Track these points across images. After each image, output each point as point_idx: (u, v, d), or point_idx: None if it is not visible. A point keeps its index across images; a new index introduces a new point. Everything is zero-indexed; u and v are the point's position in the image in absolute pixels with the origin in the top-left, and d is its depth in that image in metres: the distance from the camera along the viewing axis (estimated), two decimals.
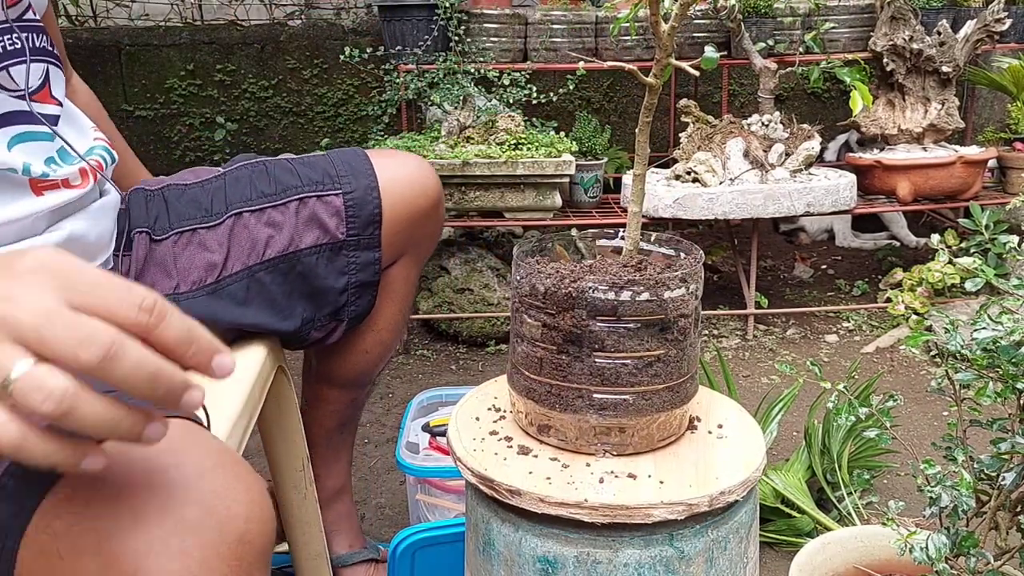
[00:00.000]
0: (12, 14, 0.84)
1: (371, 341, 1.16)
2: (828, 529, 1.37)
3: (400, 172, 1.09)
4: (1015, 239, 0.91)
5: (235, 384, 0.93)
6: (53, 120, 0.86)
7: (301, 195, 1.03)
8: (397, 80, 2.48)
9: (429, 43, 2.42)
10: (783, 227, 3.34)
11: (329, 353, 1.18)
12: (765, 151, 2.34)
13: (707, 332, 2.46)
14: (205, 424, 0.71)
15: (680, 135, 2.52)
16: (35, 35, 0.87)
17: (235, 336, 1.03)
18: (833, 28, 2.48)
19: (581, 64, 2.38)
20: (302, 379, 1.27)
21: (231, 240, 1.00)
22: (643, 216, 0.92)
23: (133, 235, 0.98)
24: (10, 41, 0.83)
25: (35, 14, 0.88)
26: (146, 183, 1.06)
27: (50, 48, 0.88)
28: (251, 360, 0.99)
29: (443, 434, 1.41)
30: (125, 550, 0.53)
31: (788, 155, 2.37)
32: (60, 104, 0.89)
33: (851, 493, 1.44)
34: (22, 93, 0.81)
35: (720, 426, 0.89)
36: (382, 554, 1.33)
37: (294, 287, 1.03)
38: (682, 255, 0.89)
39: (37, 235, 0.83)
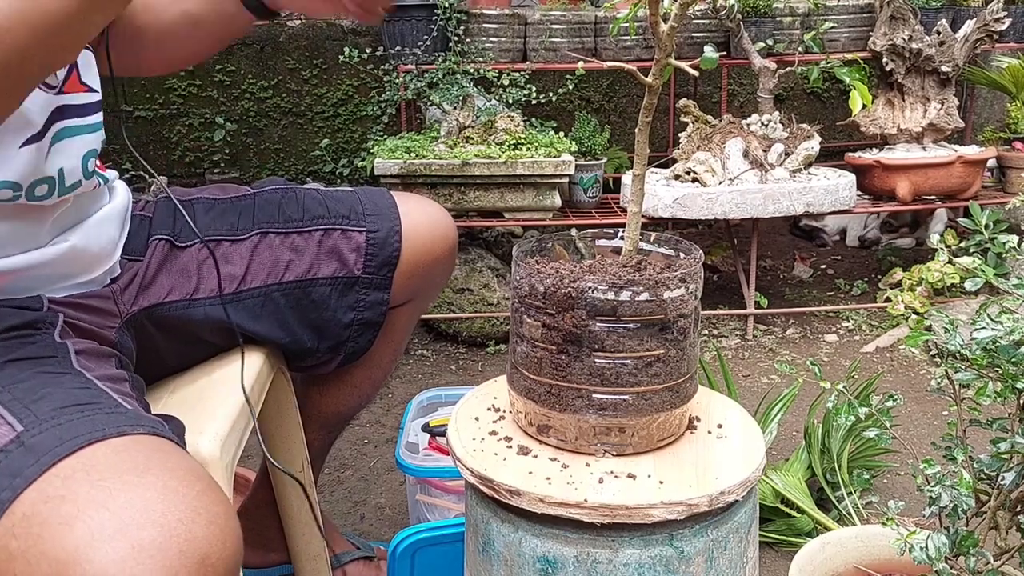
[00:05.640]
0: None
1: (361, 377, 1.18)
2: (828, 529, 1.37)
3: (422, 219, 1.10)
4: (1014, 239, 0.91)
5: (233, 385, 0.94)
6: (93, 109, 0.85)
7: (326, 226, 1.05)
8: (396, 80, 2.47)
9: (428, 43, 2.42)
10: (805, 223, 3.26)
11: (316, 386, 1.20)
12: (764, 151, 2.34)
13: (707, 332, 2.46)
14: (178, 439, 0.70)
15: (680, 135, 2.52)
16: None
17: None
18: (832, 28, 2.48)
19: (580, 64, 2.38)
20: None
21: (253, 256, 1.02)
22: (643, 216, 0.92)
23: (151, 241, 0.98)
24: None
25: None
26: (175, 193, 1.07)
27: None
28: (250, 362, 0.99)
29: (443, 434, 1.41)
30: (80, 574, 0.53)
31: (787, 155, 2.37)
32: (94, 91, 0.87)
33: (851, 493, 1.44)
34: (55, 87, 0.79)
35: (720, 426, 0.89)
36: (381, 553, 1.33)
37: (305, 313, 1.05)
38: (682, 255, 0.89)
39: (41, 247, 0.83)
